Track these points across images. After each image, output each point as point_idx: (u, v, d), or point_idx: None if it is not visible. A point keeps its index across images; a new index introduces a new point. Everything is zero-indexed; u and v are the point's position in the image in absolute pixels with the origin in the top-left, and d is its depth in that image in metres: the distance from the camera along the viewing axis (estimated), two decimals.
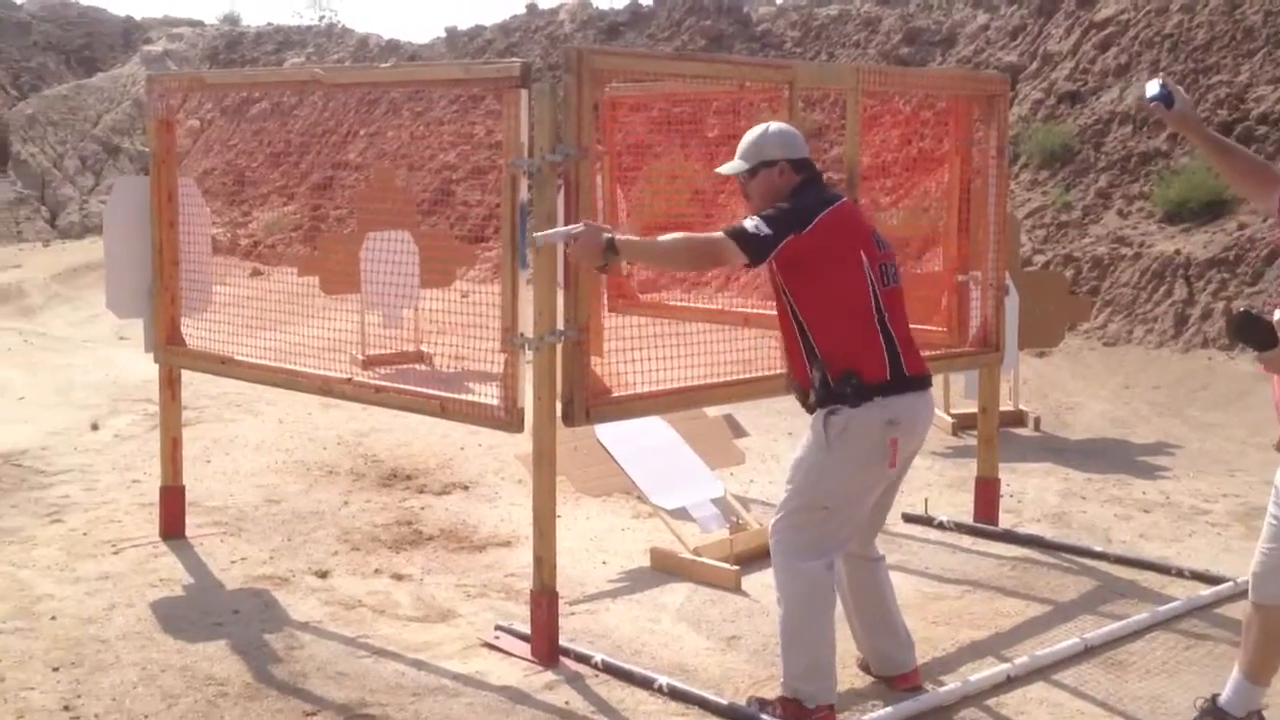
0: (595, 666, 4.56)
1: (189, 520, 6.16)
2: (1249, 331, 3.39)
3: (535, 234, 4.24)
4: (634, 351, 4.83)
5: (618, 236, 4.11)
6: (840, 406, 4.02)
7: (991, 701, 4.36)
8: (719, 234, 4.07)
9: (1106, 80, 13.46)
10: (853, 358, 4.03)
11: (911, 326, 4.28)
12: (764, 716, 4.11)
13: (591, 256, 4.09)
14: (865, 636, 4.49)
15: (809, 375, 4.11)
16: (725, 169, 4.33)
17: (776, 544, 4.19)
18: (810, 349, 4.10)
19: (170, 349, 5.90)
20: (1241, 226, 10.92)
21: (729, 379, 5.08)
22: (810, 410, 4.15)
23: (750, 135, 4.25)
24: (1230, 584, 5.44)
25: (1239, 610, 5.23)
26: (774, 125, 4.30)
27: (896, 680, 4.45)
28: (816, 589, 4.11)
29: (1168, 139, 12.32)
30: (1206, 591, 5.40)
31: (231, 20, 27.05)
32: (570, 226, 4.19)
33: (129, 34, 26.36)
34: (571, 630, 4.88)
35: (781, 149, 4.19)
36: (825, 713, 4.09)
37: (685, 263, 4.45)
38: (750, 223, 4.01)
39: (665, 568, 5.69)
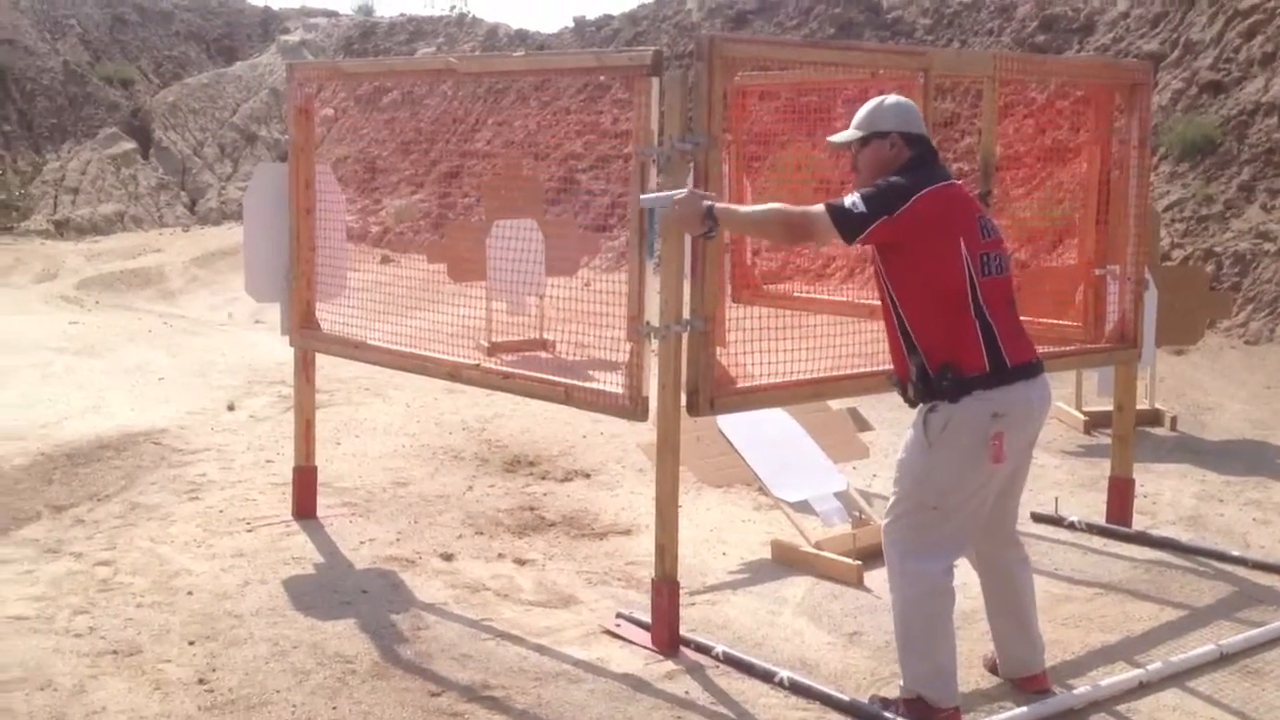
0: (716, 657, 4.56)
1: (320, 501, 6.30)
2: None
3: (642, 195, 4.27)
4: (758, 342, 4.80)
5: (716, 204, 4.14)
6: (940, 402, 3.92)
7: (1123, 707, 4.26)
8: (819, 207, 3.99)
9: (1251, 70, 12.97)
10: (950, 349, 3.91)
11: (1046, 321, 4.16)
12: (888, 715, 4.06)
13: (691, 223, 4.15)
14: (995, 633, 4.42)
15: (908, 368, 4.02)
16: (837, 138, 4.24)
17: (890, 545, 4.11)
18: (909, 339, 4.01)
19: (305, 333, 6.04)
20: None
21: (853, 372, 5.02)
22: (911, 405, 4.07)
23: (866, 105, 4.17)
24: None
25: None
26: (891, 97, 4.18)
27: (1022, 682, 4.36)
28: (934, 592, 4.01)
29: None
30: None
31: (365, 10, 27.58)
32: (673, 191, 4.23)
33: (267, 24, 27.04)
34: (691, 620, 4.88)
35: (896, 121, 4.07)
36: (951, 714, 4.02)
37: (780, 235, 4.38)
38: (850, 199, 3.93)
39: (786, 560, 5.66)
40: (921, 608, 4.00)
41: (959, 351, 3.91)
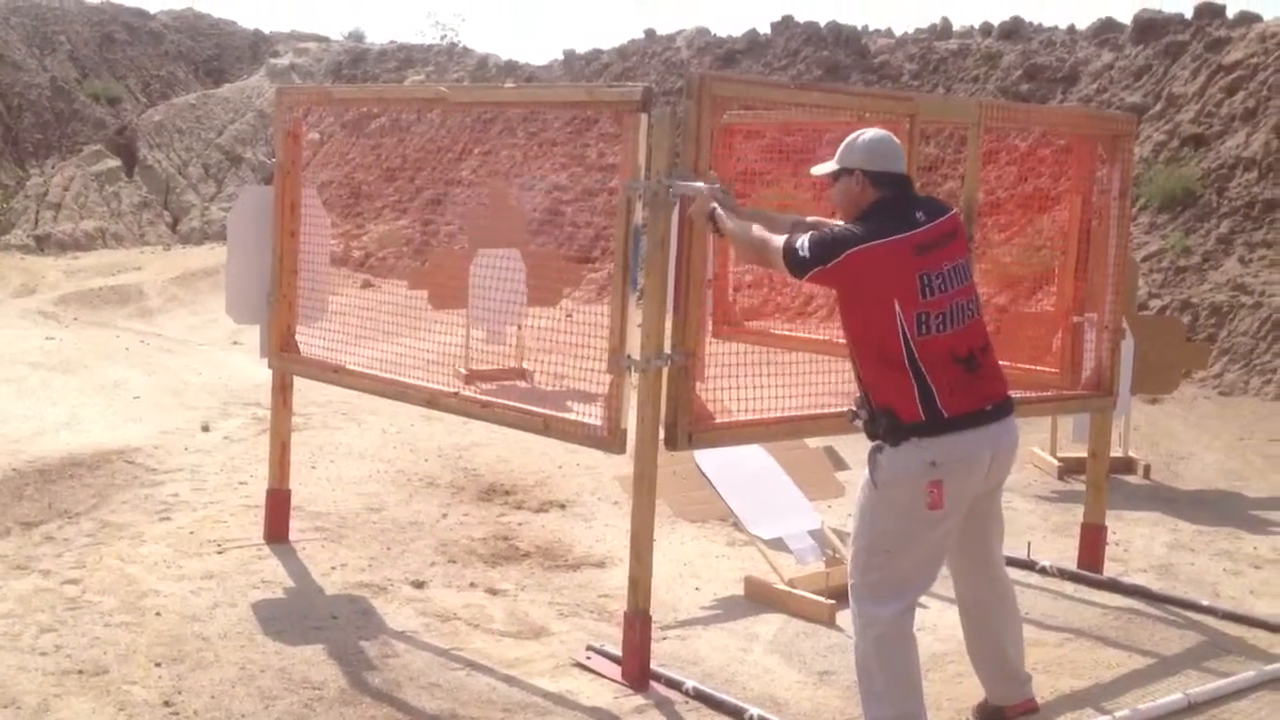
0: (686, 693, 4.54)
1: (293, 524, 6.27)
2: None
3: (677, 180, 4.48)
4: (737, 378, 4.82)
5: (719, 211, 4.30)
6: (884, 444, 3.95)
7: None
8: (779, 241, 4.02)
9: (1233, 124, 13.13)
10: (888, 394, 3.93)
11: (1023, 366, 4.18)
12: None
13: (699, 217, 4.40)
14: (977, 669, 4.41)
15: (863, 400, 4.06)
16: (816, 169, 4.28)
17: (851, 590, 4.09)
18: (859, 377, 4.07)
19: (285, 356, 6.02)
20: None
21: (831, 410, 5.03)
22: (868, 437, 4.06)
23: (846, 138, 4.14)
24: None
25: None
26: (869, 133, 4.10)
27: (1009, 709, 4.37)
28: (887, 638, 3.96)
29: None
30: None
31: (356, 37, 27.67)
32: (700, 183, 4.43)
33: (257, 46, 27.09)
34: (662, 655, 4.87)
35: (863, 159, 4.03)
36: None
37: (753, 258, 4.36)
38: (801, 240, 3.96)
39: (759, 598, 5.65)
40: (878, 653, 3.96)
41: (895, 399, 3.91)
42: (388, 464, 7.92)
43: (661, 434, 4.54)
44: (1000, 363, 4.21)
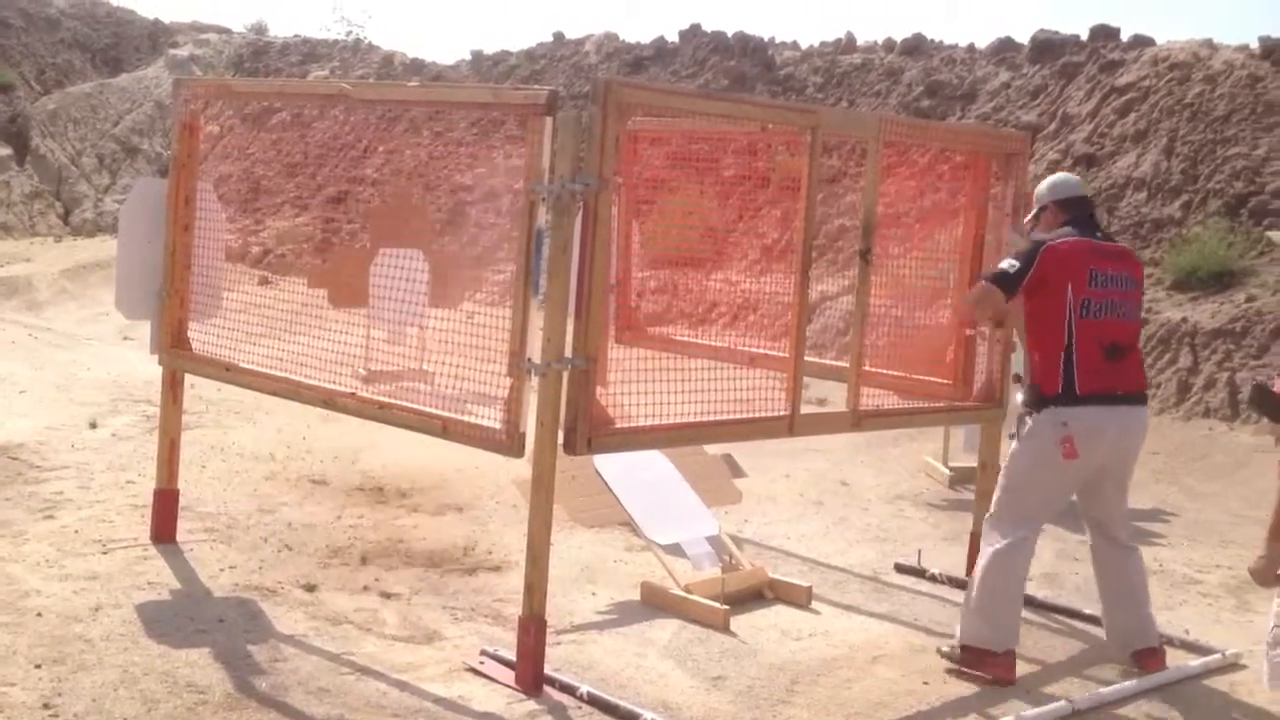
0: (579, 698, 4.54)
1: (181, 525, 6.14)
2: (1265, 403, 3.41)
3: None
4: (638, 384, 4.83)
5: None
6: (1032, 411, 5.09)
7: None
8: (981, 282, 5.28)
9: (1124, 145, 13.51)
10: (1041, 374, 5.08)
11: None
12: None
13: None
14: (1105, 611, 5.36)
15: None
16: (1026, 220, 5.60)
17: (987, 520, 5.23)
18: (1027, 355, 5.28)
19: (175, 352, 5.90)
20: (1250, 299, 10.92)
21: (731, 418, 5.07)
22: (1023, 406, 5.20)
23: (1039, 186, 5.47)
24: (1219, 656, 5.42)
25: (1226, 682, 5.22)
26: (1053, 176, 5.50)
27: (1138, 655, 5.22)
28: (999, 556, 5.04)
29: (1181, 206, 12.35)
30: (1195, 662, 5.37)
31: (259, 29, 27.13)
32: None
33: (156, 36, 26.43)
34: (557, 659, 4.86)
35: (1049, 195, 5.36)
36: (1005, 656, 4.99)
37: (976, 310, 5.53)
38: (1001, 263, 5.26)
39: (655, 603, 5.67)
40: (985, 572, 5.06)
41: (1046, 377, 5.07)
42: (281, 465, 7.80)
43: (561, 438, 4.53)
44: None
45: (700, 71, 18.21)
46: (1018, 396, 5.47)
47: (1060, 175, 5.54)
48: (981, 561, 5.12)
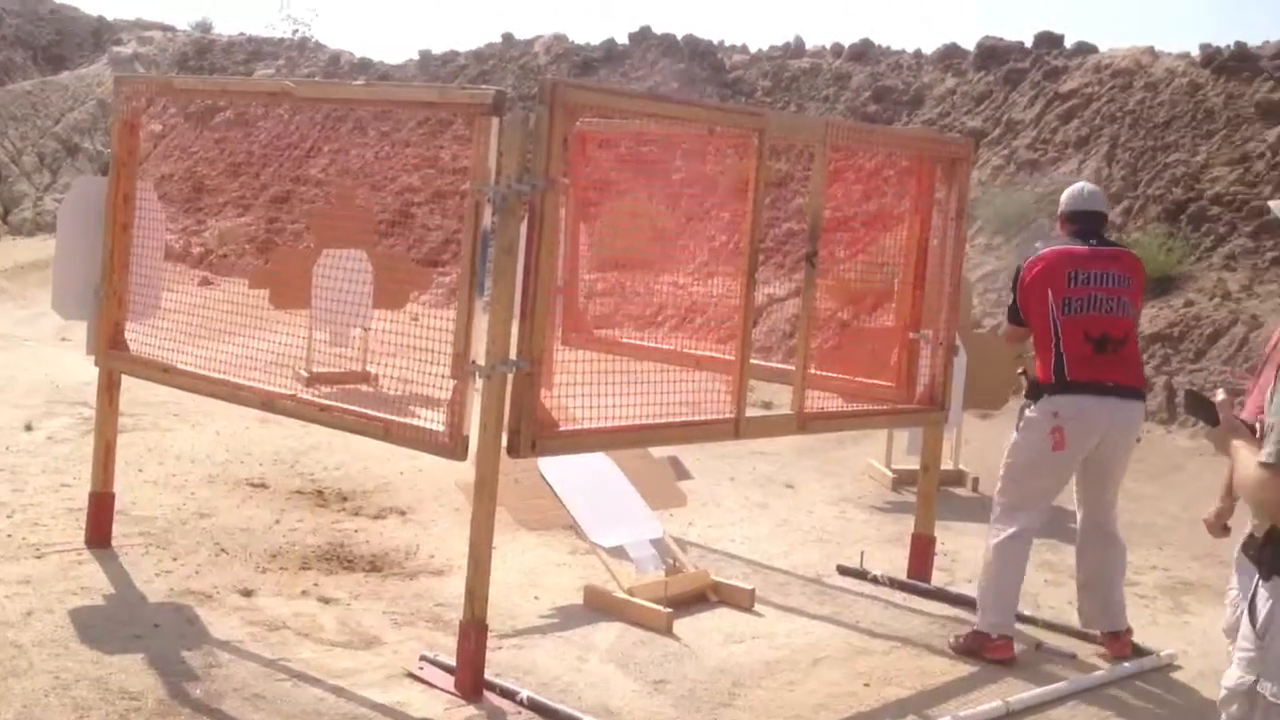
0: (520, 703, 4.50)
1: (116, 529, 6.04)
2: (1198, 410, 3.43)
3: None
4: (583, 386, 4.80)
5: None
6: (1030, 401, 5.43)
7: None
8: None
9: (1066, 151, 13.65)
10: (1039, 368, 5.44)
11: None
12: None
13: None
14: (1079, 591, 5.64)
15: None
16: (1056, 231, 5.78)
17: (992, 511, 5.60)
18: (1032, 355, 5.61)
19: (112, 354, 5.80)
20: (1188, 304, 11.07)
21: (677, 420, 5.06)
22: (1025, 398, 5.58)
23: None
24: (1153, 657, 5.49)
25: (1162, 683, 5.29)
26: (1071, 188, 5.73)
27: (1104, 639, 5.51)
28: (999, 549, 5.42)
29: (1122, 212, 12.50)
30: (1130, 664, 5.43)
31: (203, 27, 26.80)
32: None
33: (99, 34, 26.03)
34: (498, 664, 4.82)
35: (1061, 207, 5.68)
36: (1001, 641, 5.31)
37: (1010, 344, 6.46)
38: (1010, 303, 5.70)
39: (598, 606, 5.65)
40: (987, 564, 5.45)
41: (1042, 368, 5.41)
42: (220, 468, 7.70)
43: (505, 441, 4.50)
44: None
45: (650, 74, 18.21)
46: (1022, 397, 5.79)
47: (1074, 188, 5.74)
48: (986, 555, 5.47)
